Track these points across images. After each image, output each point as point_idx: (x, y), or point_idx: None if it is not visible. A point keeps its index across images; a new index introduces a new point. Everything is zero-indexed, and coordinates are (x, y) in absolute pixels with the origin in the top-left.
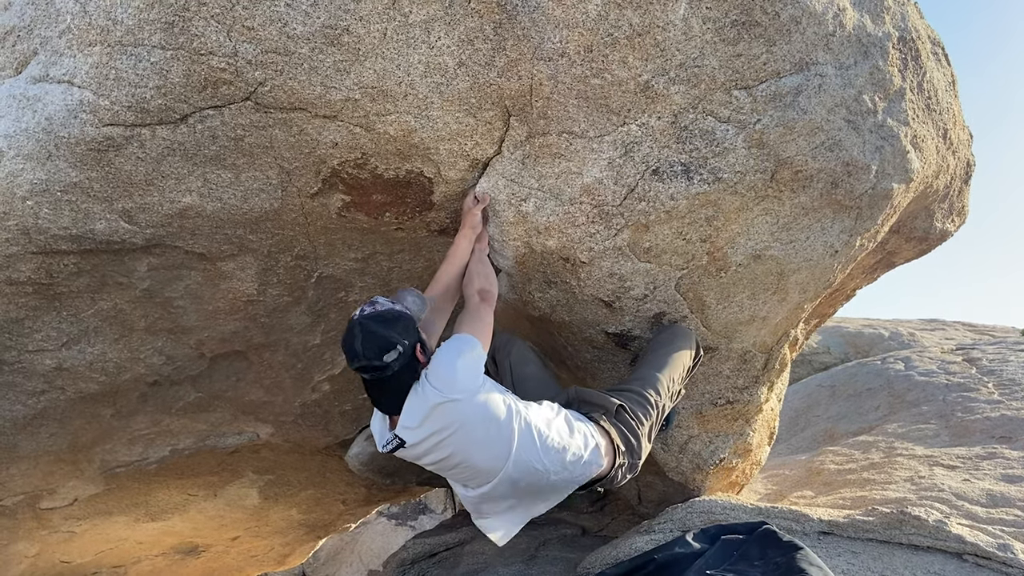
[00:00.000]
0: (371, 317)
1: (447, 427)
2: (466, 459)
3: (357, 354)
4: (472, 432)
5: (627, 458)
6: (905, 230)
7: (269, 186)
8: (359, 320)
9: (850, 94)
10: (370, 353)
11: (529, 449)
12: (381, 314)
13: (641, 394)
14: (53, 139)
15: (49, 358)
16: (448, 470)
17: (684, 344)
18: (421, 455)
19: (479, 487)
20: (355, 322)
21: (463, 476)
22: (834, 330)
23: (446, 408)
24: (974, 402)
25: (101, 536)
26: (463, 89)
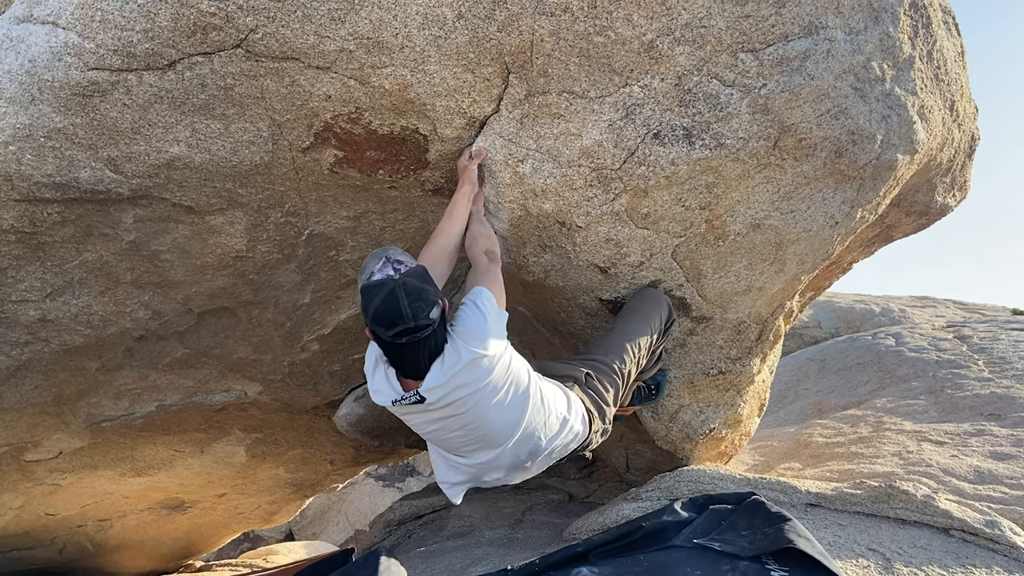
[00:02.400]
0: (410, 275)
1: (472, 384)
2: (479, 421)
3: (405, 316)
4: (495, 393)
5: (600, 424)
6: (906, 203)
7: (259, 138)
8: (401, 280)
9: (859, 61)
10: (420, 313)
11: (537, 418)
12: (414, 270)
13: (605, 362)
14: (36, 82)
15: (33, 309)
16: (450, 432)
17: (652, 309)
18: (431, 415)
19: (478, 453)
20: (396, 282)
21: (463, 441)
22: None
23: (477, 364)
24: (964, 379)
25: (87, 490)
26: (462, 43)
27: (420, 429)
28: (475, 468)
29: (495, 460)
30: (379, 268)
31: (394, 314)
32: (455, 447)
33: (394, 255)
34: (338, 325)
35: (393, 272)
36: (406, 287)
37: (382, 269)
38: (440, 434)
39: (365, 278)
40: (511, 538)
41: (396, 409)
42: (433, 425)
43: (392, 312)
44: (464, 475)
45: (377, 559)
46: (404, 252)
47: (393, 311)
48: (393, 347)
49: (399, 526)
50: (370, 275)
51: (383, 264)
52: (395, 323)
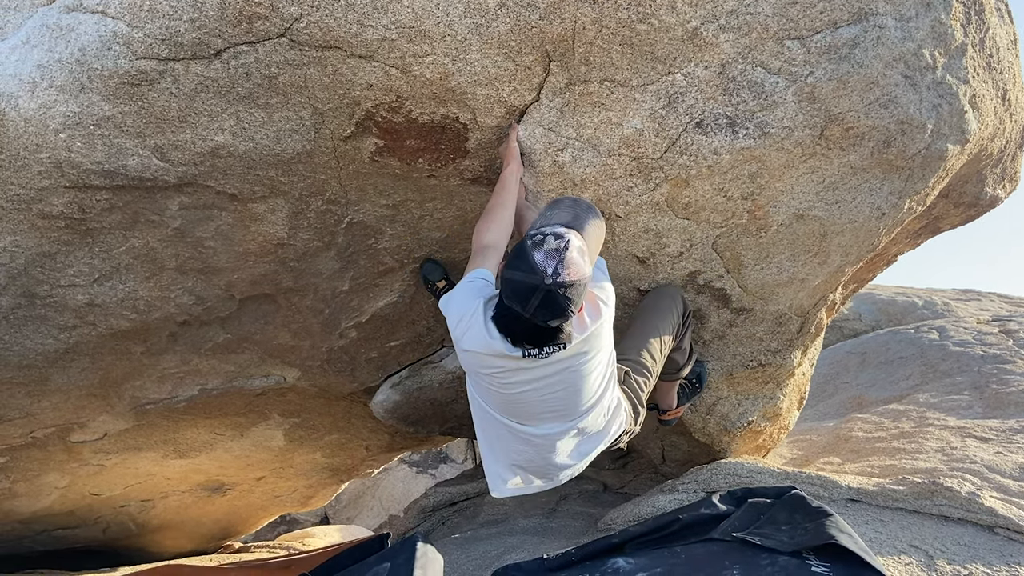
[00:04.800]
0: (562, 286)
1: (590, 349)
2: (573, 387)
3: (529, 311)
4: (596, 359)
5: (633, 425)
6: (954, 195)
7: (302, 127)
8: (549, 287)
9: (909, 48)
10: (543, 318)
11: (610, 395)
12: (569, 282)
13: (640, 362)
14: (86, 71)
15: (81, 293)
16: (542, 394)
17: (669, 305)
18: (539, 372)
19: (551, 423)
20: (543, 287)
21: (546, 407)
22: (866, 297)
23: (600, 329)
24: (1010, 374)
25: (130, 470)
26: (503, 31)
27: (509, 388)
28: (536, 444)
29: (559, 434)
30: (549, 249)
31: (520, 300)
32: (532, 413)
33: (571, 245)
34: (375, 313)
35: (551, 272)
36: (551, 296)
37: (548, 257)
38: (528, 395)
39: (536, 231)
40: (545, 527)
41: (499, 362)
42: (528, 386)
43: (521, 297)
44: (519, 467)
45: (414, 545)
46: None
47: (523, 297)
48: (504, 304)
49: (433, 512)
50: (542, 241)
51: (554, 250)
52: (515, 304)
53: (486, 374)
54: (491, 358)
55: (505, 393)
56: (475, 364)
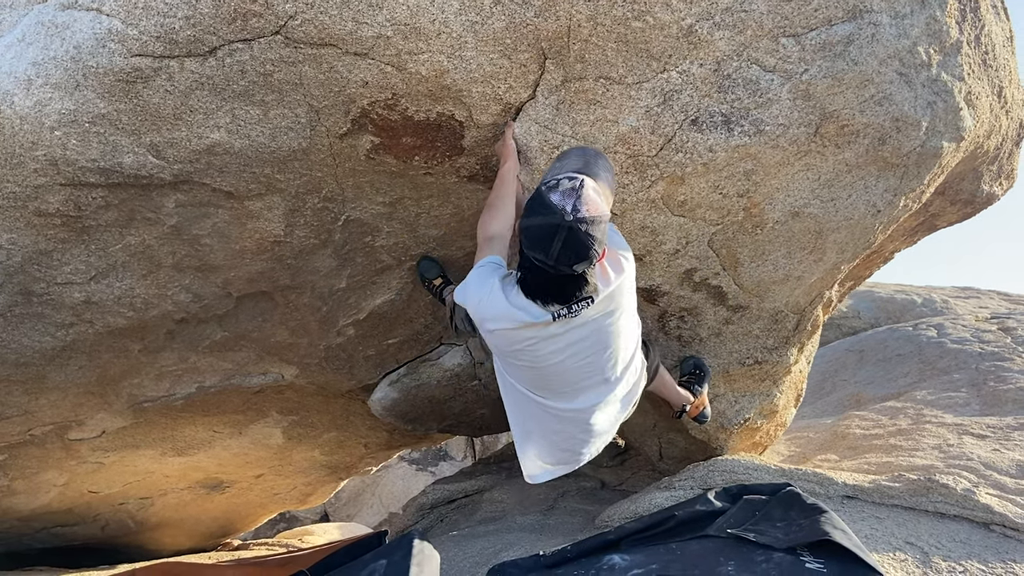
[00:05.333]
0: (583, 221)
1: (615, 308)
2: (608, 348)
3: (551, 255)
4: (624, 318)
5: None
6: (951, 192)
7: (298, 124)
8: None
9: (904, 45)
10: (565, 262)
11: (639, 356)
12: (589, 217)
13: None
14: (81, 68)
15: (77, 291)
16: (578, 360)
17: None
18: (570, 337)
19: (585, 394)
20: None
21: (582, 374)
22: (865, 294)
23: (623, 284)
24: (1007, 372)
25: (129, 468)
26: (498, 29)
27: (543, 360)
28: (574, 419)
29: (597, 405)
30: (564, 189)
31: (542, 246)
32: (570, 383)
33: (586, 184)
34: (373, 310)
35: (570, 210)
36: (572, 234)
37: (564, 196)
38: (564, 365)
39: (550, 178)
40: (543, 524)
41: (529, 333)
42: (562, 354)
43: (542, 243)
44: (556, 447)
45: (411, 542)
46: (602, 177)
47: (544, 242)
48: (528, 260)
49: (432, 510)
50: (556, 184)
51: (570, 189)
52: (537, 252)
53: (518, 350)
54: (520, 331)
55: (540, 367)
56: (504, 343)
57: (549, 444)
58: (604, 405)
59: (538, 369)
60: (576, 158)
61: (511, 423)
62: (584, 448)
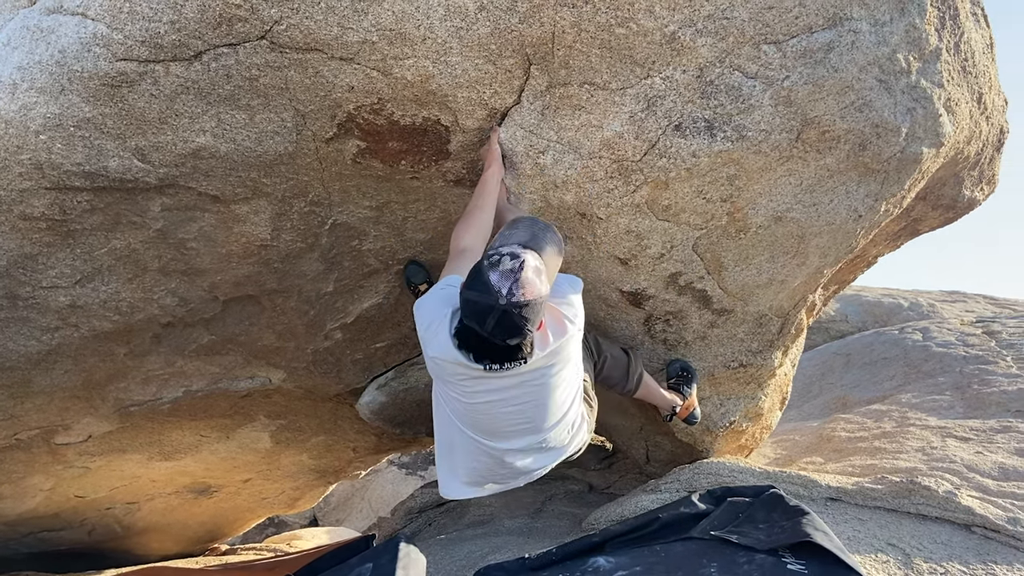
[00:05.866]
0: (518, 306)
1: (559, 360)
2: (539, 401)
3: (488, 331)
4: (562, 374)
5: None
6: (932, 197)
7: (284, 129)
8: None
9: (884, 52)
10: (500, 336)
11: (575, 410)
12: (526, 302)
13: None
14: (66, 72)
15: (63, 295)
16: (508, 406)
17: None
18: (504, 382)
19: (518, 437)
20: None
21: (513, 421)
22: (852, 298)
23: (568, 342)
24: (991, 375)
25: (115, 473)
26: (483, 34)
27: (473, 397)
28: (496, 456)
29: (522, 450)
30: (504, 270)
31: (477, 319)
32: (497, 428)
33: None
34: (360, 314)
35: (506, 293)
36: (506, 317)
37: (503, 277)
38: (492, 408)
39: (493, 251)
40: (530, 527)
41: (462, 371)
42: (491, 396)
43: (477, 317)
44: (476, 472)
45: (397, 546)
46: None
47: (479, 317)
48: (464, 325)
49: (420, 513)
50: (498, 261)
51: (509, 271)
52: (472, 322)
53: (451, 382)
54: (455, 366)
55: (470, 403)
56: (440, 371)
57: (470, 470)
58: (531, 451)
59: (468, 405)
60: (524, 230)
61: (436, 435)
62: (509, 481)
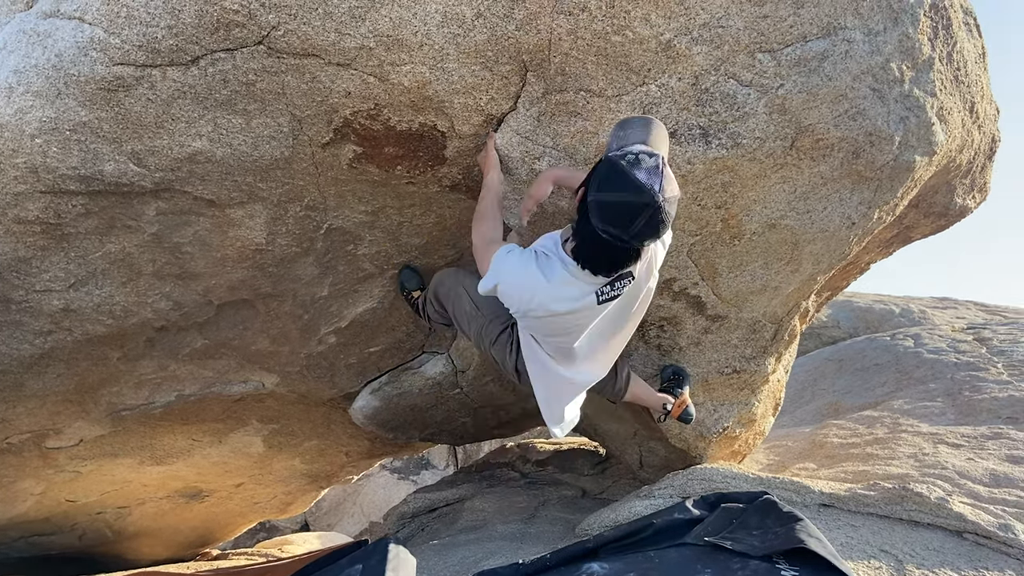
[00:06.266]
0: (671, 201)
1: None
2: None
3: (631, 233)
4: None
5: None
6: (924, 205)
7: (280, 134)
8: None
9: (877, 62)
10: (642, 240)
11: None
12: (674, 196)
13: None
14: (63, 76)
15: (56, 299)
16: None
17: None
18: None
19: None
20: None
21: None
22: (844, 304)
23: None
24: (982, 382)
25: (106, 477)
26: (480, 41)
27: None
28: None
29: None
30: (648, 167)
31: (624, 223)
32: (582, 354)
33: (665, 161)
34: (355, 319)
35: (658, 189)
36: (659, 214)
37: (651, 174)
38: (588, 337)
39: (623, 151)
40: (524, 533)
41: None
42: (598, 323)
43: (625, 220)
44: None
45: (386, 547)
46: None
47: (627, 220)
48: (607, 245)
49: (413, 519)
50: (637, 159)
51: (655, 167)
52: (615, 228)
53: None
54: (563, 317)
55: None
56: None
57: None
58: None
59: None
60: (640, 128)
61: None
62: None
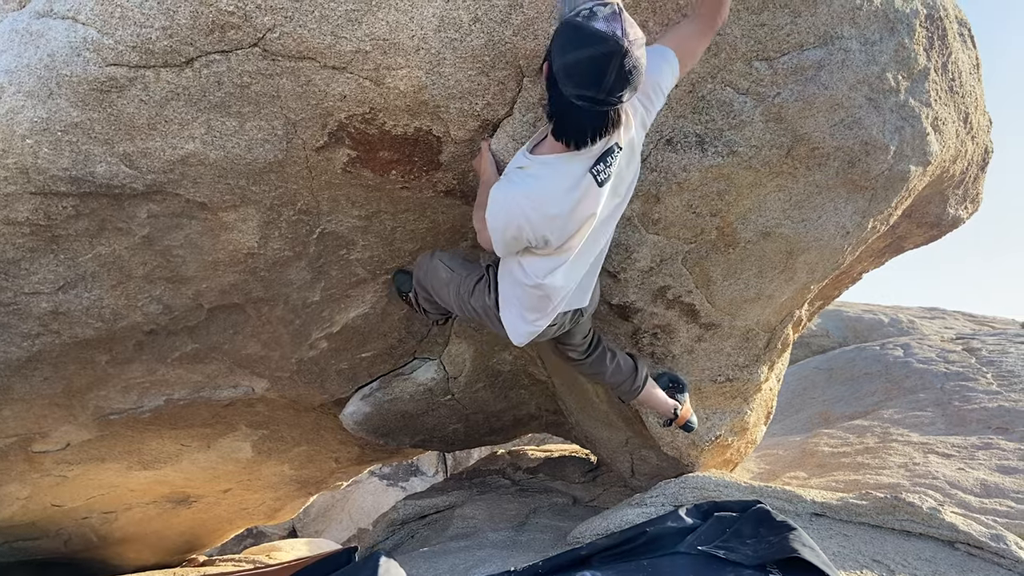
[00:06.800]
0: (637, 45)
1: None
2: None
3: (604, 87)
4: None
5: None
6: (917, 215)
7: (274, 137)
8: (627, 50)
9: (873, 71)
10: (619, 92)
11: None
12: (640, 39)
13: None
14: (55, 76)
15: (45, 301)
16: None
17: None
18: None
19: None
20: (621, 51)
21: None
22: (834, 313)
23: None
24: (972, 392)
25: (93, 482)
26: (477, 46)
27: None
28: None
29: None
30: (605, 15)
31: (594, 79)
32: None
33: (621, 5)
34: (347, 324)
35: (621, 34)
36: (628, 60)
37: (609, 21)
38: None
39: (583, 9)
40: (515, 540)
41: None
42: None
43: (594, 75)
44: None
45: (377, 561)
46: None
47: (596, 75)
48: (581, 111)
49: (402, 525)
50: (592, 12)
51: (612, 14)
52: (587, 88)
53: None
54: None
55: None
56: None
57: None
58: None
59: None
60: None
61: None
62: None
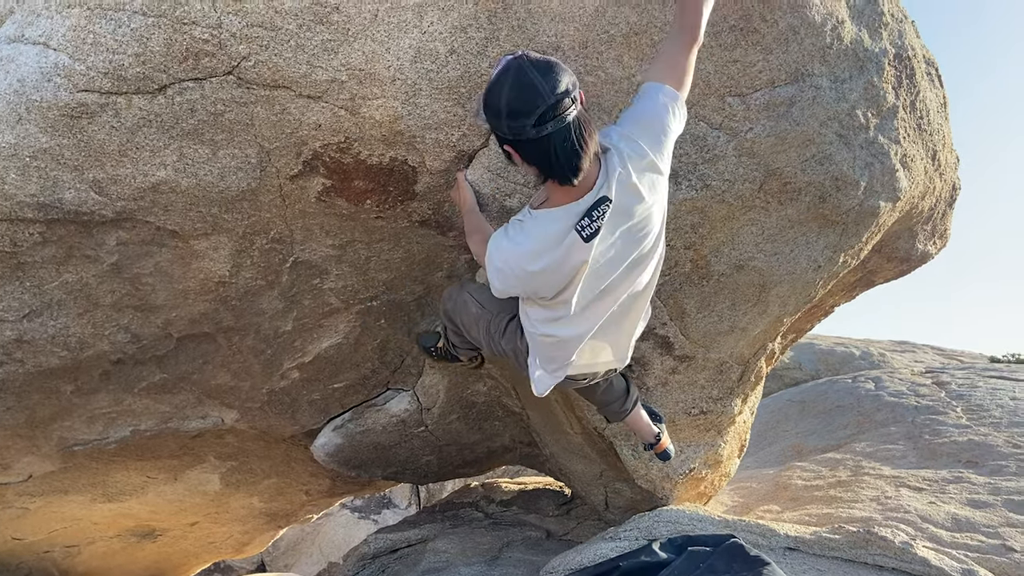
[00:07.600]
0: (532, 52)
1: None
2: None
3: (543, 92)
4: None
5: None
6: (887, 249)
7: (247, 165)
8: (523, 56)
9: (843, 108)
10: (557, 84)
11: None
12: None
13: None
14: (24, 102)
15: (9, 329)
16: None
17: None
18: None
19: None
20: (519, 60)
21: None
22: (806, 346)
23: (657, 178)
24: (942, 425)
25: (56, 514)
26: (453, 77)
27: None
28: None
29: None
30: (498, 67)
31: (530, 94)
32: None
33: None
34: (319, 354)
35: (511, 56)
36: (531, 62)
37: (500, 61)
38: (602, 267)
39: (486, 89)
40: (487, 574)
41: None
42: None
43: (527, 92)
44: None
45: None
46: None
47: (528, 90)
48: (541, 143)
49: (374, 559)
50: (490, 80)
51: (502, 62)
52: (535, 104)
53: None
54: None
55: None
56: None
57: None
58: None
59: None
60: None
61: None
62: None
